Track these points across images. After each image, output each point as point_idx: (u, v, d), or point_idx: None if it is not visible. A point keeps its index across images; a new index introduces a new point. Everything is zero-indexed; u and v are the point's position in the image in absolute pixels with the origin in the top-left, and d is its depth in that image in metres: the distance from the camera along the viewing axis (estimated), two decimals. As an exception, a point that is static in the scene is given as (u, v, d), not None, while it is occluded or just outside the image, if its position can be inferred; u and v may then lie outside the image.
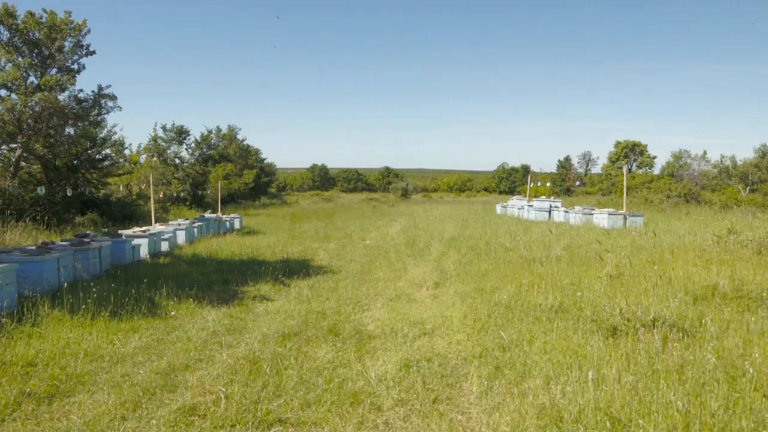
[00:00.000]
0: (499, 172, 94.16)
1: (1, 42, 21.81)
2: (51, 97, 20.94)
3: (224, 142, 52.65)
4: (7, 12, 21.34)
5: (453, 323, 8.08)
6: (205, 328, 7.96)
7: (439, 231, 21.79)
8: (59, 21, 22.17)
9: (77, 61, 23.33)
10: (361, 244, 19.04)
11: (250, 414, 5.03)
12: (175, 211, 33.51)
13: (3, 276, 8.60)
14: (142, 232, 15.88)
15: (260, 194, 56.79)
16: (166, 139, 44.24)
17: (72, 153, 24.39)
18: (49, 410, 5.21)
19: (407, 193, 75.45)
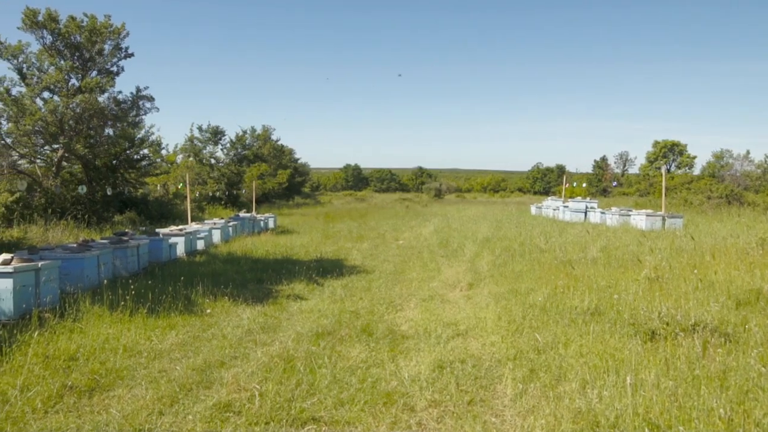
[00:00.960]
0: (533, 173, 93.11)
1: (44, 45, 22.45)
2: (91, 98, 21.47)
3: (259, 142, 53.21)
4: (50, 16, 21.95)
5: (487, 324, 8.01)
6: (240, 326, 8.06)
7: (472, 231, 21.64)
8: (99, 25, 22.71)
9: (116, 64, 23.88)
10: (394, 244, 19.05)
11: (284, 412, 5.06)
12: (210, 211, 34.02)
13: (46, 272, 8.84)
14: (178, 230, 16.15)
15: (294, 194, 57.24)
16: (201, 140, 44.95)
17: (111, 153, 24.96)
18: (89, 403, 5.34)
19: (440, 194, 75.18)
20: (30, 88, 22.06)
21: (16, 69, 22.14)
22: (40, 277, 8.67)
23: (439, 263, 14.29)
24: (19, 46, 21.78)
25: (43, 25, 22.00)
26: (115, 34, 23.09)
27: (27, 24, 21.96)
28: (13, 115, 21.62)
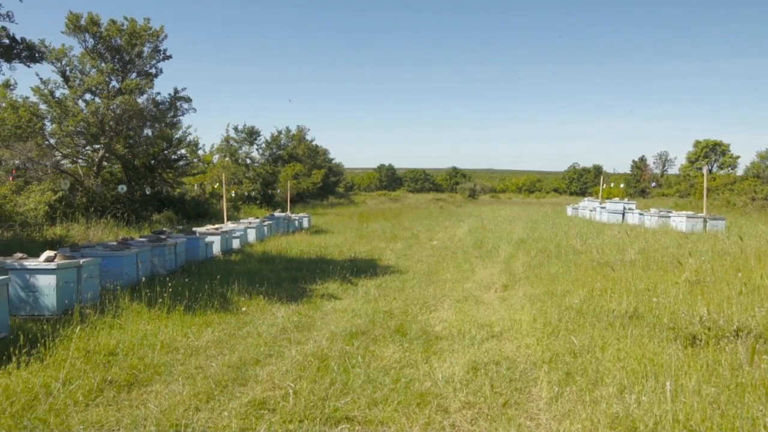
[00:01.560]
0: (569, 173, 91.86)
1: (86, 49, 23.05)
2: (131, 100, 21.96)
3: (293, 143, 53.73)
4: (92, 20, 22.53)
5: (522, 326, 7.92)
6: (275, 325, 8.13)
7: (507, 232, 21.45)
8: (139, 28, 23.22)
9: (155, 66, 24.40)
10: (428, 245, 19.00)
11: (318, 410, 5.08)
12: (246, 210, 34.44)
13: (87, 270, 9.06)
14: (214, 229, 16.38)
15: (328, 194, 57.61)
16: (237, 140, 45.61)
17: (150, 153, 25.48)
18: (128, 397, 5.45)
19: (475, 194, 74.76)
20: (73, 90, 22.69)
21: (59, 72, 22.81)
22: (81, 274, 8.89)
23: (474, 264, 14.19)
24: (62, 49, 22.43)
25: (86, 29, 22.61)
26: (153, 36, 23.59)
27: (70, 28, 22.59)
28: (56, 117, 22.29)
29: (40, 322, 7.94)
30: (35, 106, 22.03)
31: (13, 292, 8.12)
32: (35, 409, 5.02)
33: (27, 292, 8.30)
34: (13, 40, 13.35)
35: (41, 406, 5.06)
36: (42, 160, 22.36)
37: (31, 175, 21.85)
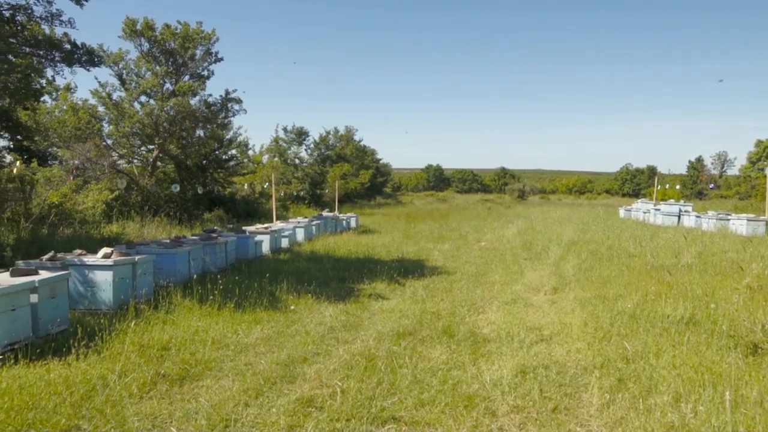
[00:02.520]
0: (622, 174, 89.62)
1: (141, 52, 23.78)
2: (184, 101, 22.55)
3: (342, 143, 54.09)
4: (147, 25, 23.23)
5: (572, 330, 7.76)
6: (323, 323, 8.19)
7: (557, 234, 21.08)
8: (191, 31, 23.81)
9: (207, 68, 24.97)
10: (476, 246, 18.84)
11: (365, 410, 5.09)
12: (294, 210, 34.85)
13: (142, 266, 9.32)
14: (264, 229, 16.63)
15: (376, 194, 57.79)
16: (286, 140, 46.22)
17: (201, 153, 26.08)
18: (180, 391, 5.58)
19: (524, 195, 73.74)
20: (129, 93, 23.45)
21: (116, 75, 23.62)
22: (136, 271, 9.16)
23: (522, 266, 13.99)
24: (119, 53, 23.22)
25: (141, 33, 23.32)
26: (206, 39, 24.15)
27: (127, 33, 23.35)
28: (113, 118, 23.08)
29: (98, 316, 8.22)
30: (94, 108, 22.85)
31: (72, 287, 8.43)
32: (93, 400, 5.19)
33: (86, 287, 8.61)
34: (74, 45, 13.86)
35: (98, 397, 5.23)
36: (100, 160, 23.17)
37: (90, 174, 22.68)
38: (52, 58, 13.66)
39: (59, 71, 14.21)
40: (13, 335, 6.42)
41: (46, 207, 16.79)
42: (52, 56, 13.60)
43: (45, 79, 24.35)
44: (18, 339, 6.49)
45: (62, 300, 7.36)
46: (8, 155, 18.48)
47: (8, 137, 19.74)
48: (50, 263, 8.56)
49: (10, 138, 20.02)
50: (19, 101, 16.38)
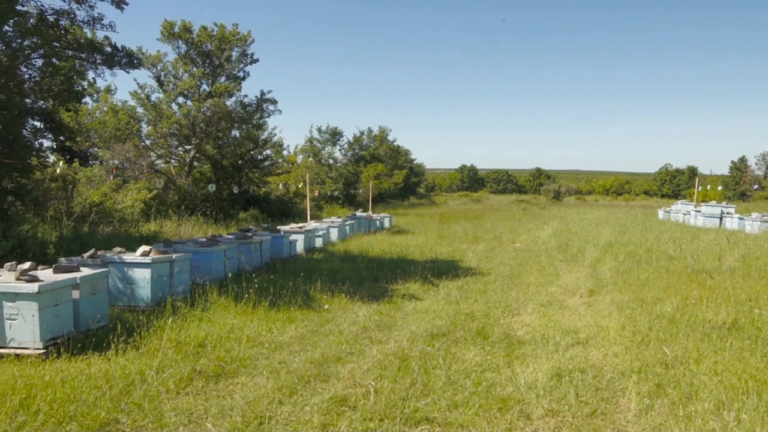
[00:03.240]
0: (661, 174, 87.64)
1: (179, 54, 24.22)
2: (220, 102, 22.89)
3: (375, 143, 54.16)
4: (185, 27, 23.65)
5: (609, 334, 7.62)
6: (356, 323, 8.20)
7: (594, 236, 20.74)
8: (228, 33, 24.14)
9: (242, 69, 25.27)
10: (510, 247, 18.65)
11: (398, 410, 5.08)
12: (328, 209, 35.04)
13: (179, 264, 9.47)
14: (298, 228, 16.75)
15: (409, 194, 57.73)
16: (321, 141, 46.46)
17: (237, 154, 26.41)
18: (216, 388, 5.65)
19: (559, 196, 72.82)
20: (167, 94, 23.92)
21: (155, 77, 24.11)
22: (173, 269, 9.31)
23: (558, 268, 13.80)
24: (157, 55, 23.70)
25: (179, 36, 23.75)
26: (241, 41, 24.45)
27: (165, 35, 23.81)
28: (152, 119, 23.56)
29: (136, 312, 8.39)
30: (133, 110, 23.34)
31: (112, 284, 8.62)
32: (131, 394, 5.30)
33: (125, 284, 8.79)
34: (114, 48, 14.14)
35: (137, 392, 5.34)
36: (138, 160, 23.67)
37: (129, 174, 23.17)
38: (93, 61, 13.97)
39: (100, 73, 14.54)
40: (56, 330, 6.60)
41: (87, 206, 17.21)
42: (93, 59, 13.91)
43: (86, 82, 25.02)
44: (60, 334, 6.66)
45: (102, 296, 7.53)
46: (52, 155, 19.00)
47: (52, 138, 20.31)
48: (91, 260, 8.77)
49: (54, 139, 20.58)
50: (62, 103, 16.84)
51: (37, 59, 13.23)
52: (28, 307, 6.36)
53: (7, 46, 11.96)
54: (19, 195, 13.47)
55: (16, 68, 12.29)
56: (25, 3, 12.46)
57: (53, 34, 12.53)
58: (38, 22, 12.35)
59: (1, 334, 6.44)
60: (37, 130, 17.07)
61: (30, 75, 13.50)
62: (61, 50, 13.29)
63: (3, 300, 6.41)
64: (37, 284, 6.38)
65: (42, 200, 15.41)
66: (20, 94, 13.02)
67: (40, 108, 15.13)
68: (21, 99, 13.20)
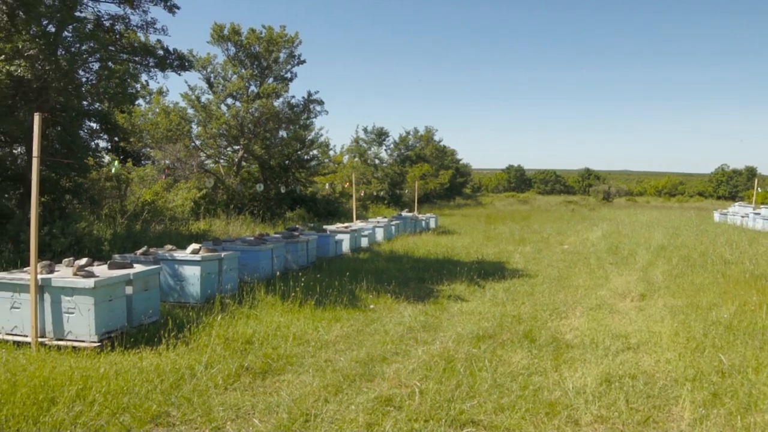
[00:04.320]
0: (717, 175, 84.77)
1: (228, 56, 24.71)
2: (268, 103, 23.24)
3: (421, 143, 54.05)
4: (234, 30, 24.12)
5: (662, 340, 7.39)
6: (402, 323, 8.19)
7: (645, 238, 20.20)
8: (275, 35, 24.50)
9: (290, 70, 25.60)
10: (558, 249, 18.33)
11: (443, 411, 5.04)
12: (374, 209, 35.14)
13: (228, 262, 9.64)
14: (344, 228, 16.84)
15: (455, 194, 57.42)
16: (367, 141, 46.66)
17: (284, 154, 26.76)
18: (263, 384, 5.73)
19: (609, 197, 71.17)
20: (216, 96, 24.43)
21: (205, 79, 24.68)
22: (222, 266, 9.48)
23: (608, 270, 13.48)
24: (207, 58, 24.24)
25: (228, 38, 24.24)
26: (289, 43, 24.77)
27: (214, 38, 24.33)
28: (202, 120, 24.10)
29: (186, 308, 8.57)
30: (184, 111, 23.93)
31: (163, 280, 8.84)
32: (181, 388, 5.41)
33: (175, 280, 9.00)
34: (166, 51, 14.52)
35: (186, 386, 5.45)
36: (189, 160, 24.23)
37: (180, 174, 23.75)
38: (146, 64, 14.37)
39: (153, 76, 14.93)
40: (110, 324, 6.80)
41: (139, 204, 17.71)
42: (146, 62, 14.31)
43: (140, 84, 25.78)
44: (115, 328, 6.86)
45: (154, 292, 7.73)
46: (107, 156, 19.61)
47: (107, 139, 20.98)
48: (143, 257, 9.02)
49: (109, 139, 21.26)
50: (117, 105, 17.36)
51: (93, 63, 13.69)
52: (84, 301, 6.58)
53: (67, 51, 12.42)
54: (77, 194, 13.98)
55: (74, 72, 12.74)
56: (83, 9, 12.91)
57: (109, 39, 12.94)
58: (95, 28, 12.77)
59: (60, 326, 6.68)
60: (94, 132, 17.69)
61: (87, 78, 13.98)
62: (116, 54, 13.71)
63: (61, 294, 6.65)
64: (93, 280, 6.59)
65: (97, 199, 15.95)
66: (78, 97, 13.51)
67: (97, 110, 15.65)
68: (79, 101, 13.69)
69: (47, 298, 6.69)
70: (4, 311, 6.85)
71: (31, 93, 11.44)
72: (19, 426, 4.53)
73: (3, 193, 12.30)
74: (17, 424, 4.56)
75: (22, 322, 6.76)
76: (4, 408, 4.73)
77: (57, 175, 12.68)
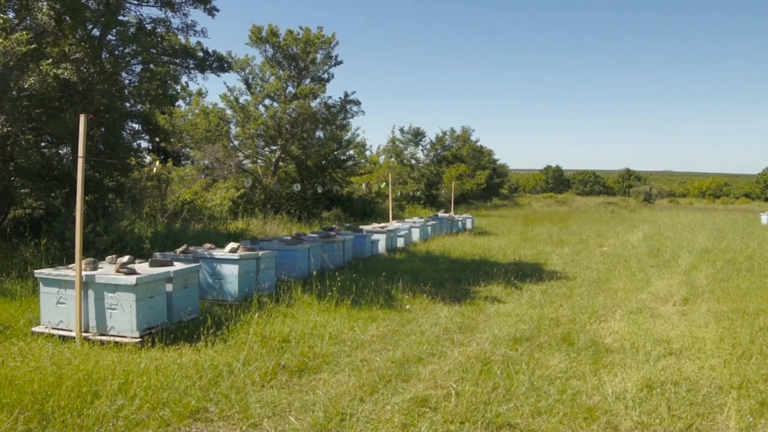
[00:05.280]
0: (765, 176, 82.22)
1: (266, 58, 25.00)
2: (305, 104, 23.44)
3: (458, 143, 53.76)
4: (272, 32, 24.40)
5: (705, 345, 7.19)
6: (438, 324, 8.14)
7: (688, 241, 19.71)
8: (313, 36, 24.69)
9: (327, 71, 25.76)
10: (597, 251, 18.01)
11: (479, 414, 4.99)
12: (410, 210, 35.10)
13: (265, 261, 9.74)
14: (380, 228, 16.86)
15: (492, 195, 56.99)
16: (403, 141, 46.60)
17: (321, 154, 26.95)
18: (299, 383, 5.76)
19: (650, 198, 69.66)
20: (254, 97, 24.75)
21: (243, 80, 25.04)
22: (260, 265, 9.58)
23: (649, 274, 13.18)
24: (246, 59, 24.60)
25: (266, 40, 24.53)
26: (326, 44, 24.92)
27: (253, 40, 24.66)
28: (240, 121, 24.47)
29: (224, 306, 8.69)
30: (222, 112, 24.31)
31: (202, 278, 8.97)
32: (219, 385, 5.48)
33: (214, 278, 9.13)
34: (206, 53, 14.78)
35: (224, 383, 5.52)
36: (227, 161, 24.60)
37: (218, 173, 24.14)
38: (186, 66, 14.64)
39: (193, 77, 15.19)
40: (151, 320, 6.94)
41: (179, 203, 18.04)
42: (187, 64, 14.57)
43: (180, 85, 26.28)
44: (155, 324, 6.99)
45: (193, 290, 7.85)
46: (148, 156, 20.05)
47: (148, 139, 21.44)
48: (183, 256, 9.17)
49: (150, 140, 21.72)
50: (158, 106, 17.72)
51: (136, 65, 14.01)
52: (126, 298, 6.73)
53: (111, 54, 12.73)
54: (119, 193, 14.31)
55: (117, 74, 13.07)
56: (126, 13, 13.23)
57: (150, 42, 13.21)
58: (137, 31, 13.06)
59: (103, 322, 6.84)
60: (136, 132, 18.09)
61: (130, 80, 14.31)
62: (158, 56, 14.00)
63: (104, 291, 6.81)
64: (134, 277, 6.73)
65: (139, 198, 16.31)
66: (121, 99, 13.84)
67: (139, 111, 16.00)
68: (122, 103, 14.02)
69: (91, 294, 6.86)
70: (50, 306, 7.06)
71: (76, 95, 11.77)
72: (64, 417, 4.66)
73: (50, 192, 12.67)
74: (62, 415, 4.68)
75: (67, 317, 6.95)
76: (51, 399, 4.87)
77: (101, 175, 13.00)
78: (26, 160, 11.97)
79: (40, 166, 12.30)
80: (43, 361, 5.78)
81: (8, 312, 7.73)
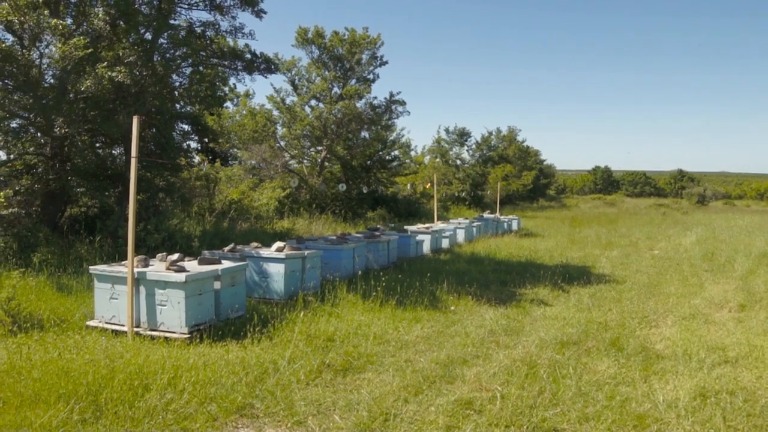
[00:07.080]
0: (826, 179, 78.58)
1: (312, 59, 25.26)
2: (350, 105, 23.58)
3: (504, 144, 53.14)
4: (318, 33, 24.64)
5: (764, 354, 6.90)
6: (483, 326, 8.06)
7: (745, 244, 18.99)
8: (358, 37, 24.81)
9: (372, 72, 25.85)
10: (648, 254, 17.54)
11: (525, 418, 4.92)
12: (454, 210, 34.89)
13: (311, 261, 9.82)
14: (425, 228, 16.80)
15: (538, 196, 56.17)
16: (448, 141, 46.36)
17: (366, 154, 27.06)
18: (343, 382, 5.79)
19: (704, 200, 67.43)
20: (300, 97, 25.04)
21: (289, 81, 25.34)
22: (305, 265, 9.66)
23: (702, 278, 12.75)
24: (292, 61, 24.89)
25: (312, 41, 24.78)
26: (371, 44, 25.00)
27: (299, 41, 24.94)
28: (286, 122, 24.80)
29: (270, 304, 8.80)
30: (269, 113, 24.67)
31: (249, 276, 9.10)
32: (265, 382, 5.55)
33: (260, 277, 9.26)
34: (254, 55, 15.01)
35: (269, 380, 5.59)
36: (274, 161, 24.94)
37: (265, 174, 24.49)
38: (235, 68, 14.91)
39: (241, 79, 15.53)
40: (199, 317, 7.08)
41: (227, 203, 18.38)
42: (235, 66, 14.85)
43: (228, 87, 26.78)
44: (203, 321, 7.13)
45: (240, 288, 7.97)
46: (197, 156, 20.50)
47: (197, 140, 21.93)
48: (231, 254, 9.32)
49: (199, 140, 22.22)
50: (207, 107, 18.12)
51: (186, 68, 14.35)
52: (176, 294, 6.88)
53: (162, 57, 13.07)
54: (169, 192, 14.67)
55: (169, 77, 13.40)
56: (176, 17, 13.56)
57: (200, 44, 13.52)
58: (188, 34, 13.38)
59: (153, 318, 7.01)
60: (185, 133, 18.52)
61: (180, 82, 14.67)
62: (207, 59, 14.31)
63: (155, 287, 6.98)
64: (184, 274, 6.88)
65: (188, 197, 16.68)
66: (172, 101, 14.20)
67: (188, 112, 16.38)
68: (172, 105, 14.38)
69: (142, 290, 7.04)
70: (103, 301, 7.28)
71: (129, 97, 12.12)
72: (116, 409, 4.79)
73: (104, 191, 13.09)
74: (115, 407, 4.82)
75: (119, 312, 7.15)
76: (104, 391, 5.02)
77: (152, 175, 13.36)
78: (82, 160, 12.40)
79: (95, 165, 12.72)
80: (96, 354, 5.96)
81: (64, 306, 8.01)
